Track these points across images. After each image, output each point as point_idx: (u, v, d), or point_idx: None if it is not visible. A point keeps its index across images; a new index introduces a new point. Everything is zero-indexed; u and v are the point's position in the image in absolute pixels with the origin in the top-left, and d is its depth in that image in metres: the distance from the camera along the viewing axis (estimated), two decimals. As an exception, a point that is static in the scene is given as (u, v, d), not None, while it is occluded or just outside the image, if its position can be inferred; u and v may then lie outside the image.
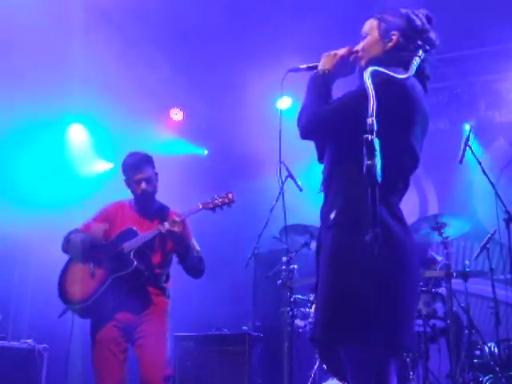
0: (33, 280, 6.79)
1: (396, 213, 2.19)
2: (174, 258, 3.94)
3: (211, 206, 3.76)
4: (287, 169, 4.95)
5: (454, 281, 4.68)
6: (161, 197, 3.99)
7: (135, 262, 3.66)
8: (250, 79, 6.13)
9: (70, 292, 3.78)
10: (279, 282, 4.88)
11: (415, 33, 2.36)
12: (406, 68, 2.22)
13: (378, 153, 1.83)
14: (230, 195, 3.78)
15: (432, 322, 4.84)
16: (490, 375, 4.54)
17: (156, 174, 3.92)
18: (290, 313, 4.76)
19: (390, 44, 2.35)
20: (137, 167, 3.84)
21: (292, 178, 5.01)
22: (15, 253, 6.67)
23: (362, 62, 2.40)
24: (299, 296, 5.02)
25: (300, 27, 5.62)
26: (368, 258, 1.92)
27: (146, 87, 6.36)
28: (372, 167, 1.81)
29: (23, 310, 6.71)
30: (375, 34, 2.39)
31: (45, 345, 5.21)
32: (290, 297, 4.83)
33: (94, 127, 7.08)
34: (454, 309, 4.66)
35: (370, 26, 2.42)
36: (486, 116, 6.87)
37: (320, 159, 2.48)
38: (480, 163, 4.86)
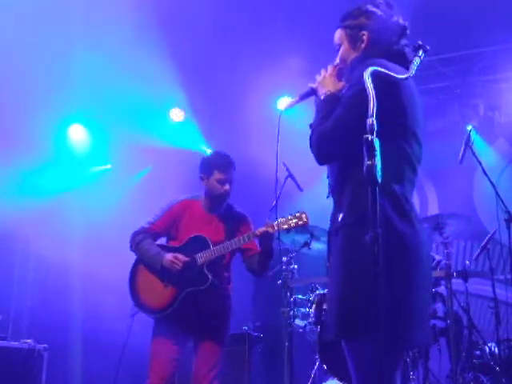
0: (33, 280, 6.79)
1: (403, 207, 2.18)
2: None
3: (285, 227, 3.72)
4: (287, 169, 4.95)
5: (454, 281, 4.67)
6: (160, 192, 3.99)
7: (210, 277, 3.73)
8: (250, 79, 6.14)
9: (145, 298, 3.85)
10: (279, 282, 4.88)
11: (382, 23, 2.38)
12: (393, 58, 2.28)
13: (377, 153, 1.83)
14: (303, 216, 3.72)
15: (432, 322, 4.83)
16: (490, 375, 4.54)
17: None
18: (290, 313, 4.76)
19: (363, 44, 2.40)
20: (224, 167, 3.88)
21: (292, 178, 5.01)
22: (15, 253, 6.67)
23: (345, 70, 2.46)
24: (299, 296, 5.02)
25: (300, 27, 5.63)
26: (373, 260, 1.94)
27: (145, 87, 6.37)
28: (372, 167, 1.81)
29: (23, 310, 6.71)
30: (345, 43, 2.44)
31: (45, 345, 5.21)
32: (290, 297, 4.83)
33: (94, 127, 7.08)
34: (453, 309, 4.66)
35: (339, 36, 2.47)
36: (486, 116, 6.87)
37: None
38: (480, 163, 4.86)
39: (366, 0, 2.45)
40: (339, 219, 2.21)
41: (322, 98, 2.39)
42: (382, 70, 2.09)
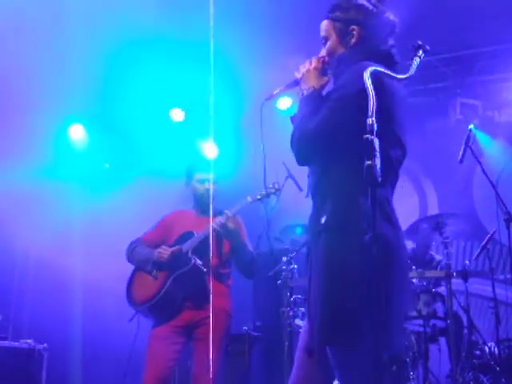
0: (33, 280, 6.79)
1: (386, 210, 2.15)
2: None
3: (258, 197, 3.92)
4: (287, 169, 4.94)
5: (454, 281, 4.68)
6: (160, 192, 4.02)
7: (193, 260, 3.85)
8: (249, 79, 6.13)
9: (136, 295, 3.97)
10: (279, 281, 4.88)
11: (373, 19, 2.29)
12: (381, 59, 2.21)
13: (377, 153, 1.83)
14: (276, 185, 3.99)
15: (432, 322, 4.84)
16: (490, 375, 4.54)
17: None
18: (290, 313, 4.76)
19: (353, 40, 2.30)
20: (202, 167, 4.07)
21: (292, 178, 5.01)
22: (15, 253, 6.66)
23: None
24: (299, 296, 5.02)
25: (300, 26, 5.62)
26: (358, 263, 1.98)
27: (146, 87, 6.37)
28: (372, 167, 1.81)
29: (23, 310, 6.70)
30: (333, 36, 2.35)
31: (45, 345, 5.21)
32: (290, 297, 4.83)
33: (94, 127, 7.08)
34: (453, 309, 4.66)
35: (326, 28, 2.36)
36: (486, 116, 6.87)
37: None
38: (480, 163, 4.86)
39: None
40: (322, 222, 2.15)
41: (305, 94, 2.32)
42: (377, 75, 2.03)
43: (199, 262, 3.86)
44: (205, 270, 3.85)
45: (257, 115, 2.55)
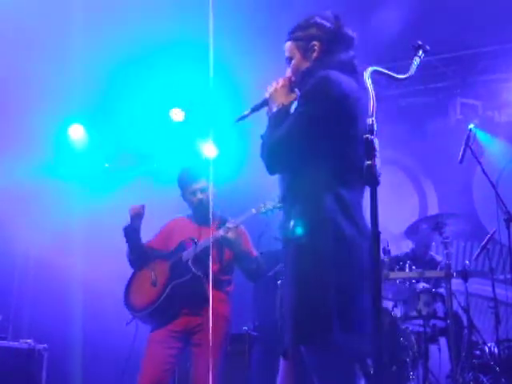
0: (33, 280, 6.79)
1: (351, 212, 2.22)
2: None
3: (263, 210, 3.86)
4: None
5: (454, 281, 4.68)
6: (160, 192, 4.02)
7: (193, 269, 3.84)
8: (250, 80, 6.13)
9: (135, 301, 3.99)
10: (279, 281, 4.87)
11: (331, 34, 2.43)
12: (344, 69, 2.33)
13: (377, 153, 1.83)
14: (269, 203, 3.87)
15: (432, 322, 4.84)
16: (490, 375, 4.53)
17: (209, 182, 4.05)
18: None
19: (315, 54, 2.43)
20: (190, 179, 4.04)
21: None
22: (15, 253, 6.66)
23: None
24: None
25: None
26: (326, 265, 2.09)
27: (146, 87, 6.37)
28: (372, 167, 1.81)
29: (23, 310, 6.70)
30: (297, 55, 2.46)
31: (45, 345, 5.21)
32: (290, 297, 4.82)
33: (94, 127, 7.08)
34: (453, 309, 4.66)
35: (289, 49, 2.49)
36: (486, 116, 6.87)
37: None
38: (480, 163, 4.86)
39: (314, 13, 2.49)
40: (291, 226, 2.22)
41: (274, 110, 2.41)
42: (338, 80, 2.20)
43: (199, 271, 3.86)
44: (204, 278, 3.84)
45: (256, 115, 2.59)
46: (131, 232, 4.01)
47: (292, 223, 2.21)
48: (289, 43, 2.50)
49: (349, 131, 2.24)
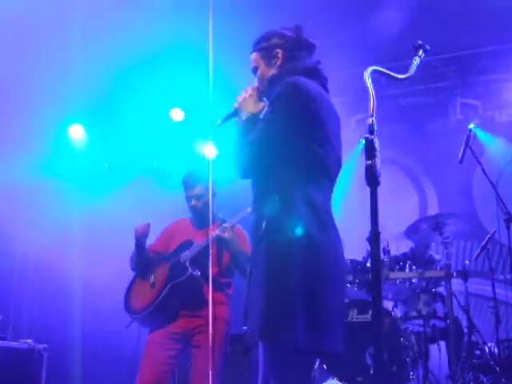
0: (33, 280, 6.79)
1: (321, 214, 2.27)
2: None
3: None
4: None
5: (454, 281, 4.68)
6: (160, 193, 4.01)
7: (189, 270, 3.85)
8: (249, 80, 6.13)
9: (133, 304, 3.99)
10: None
11: (293, 42, 2.54)
12: (309, 74, 2.43)
13: (378, 152, 1.83)
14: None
15: (432, 321, 4.84)
16: (490, 375, 4.53)
17: (207, 188, 4.01)
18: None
19: (279, 61, 2.53)
20: (188, 185, 4.06)
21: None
22: (15, 253, 6.66)
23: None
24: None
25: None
26: (294, 264, 2.15)
27: (146, 87, 6.38)
28: (372, 167, 1.81)
29: (23, 310, 6.71)
30: (262, 64, 2.57)
31: (45, 345, 5.21)
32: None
33: (94, 127, 7.08)
34: (453, 309, 4.66)
35: (254, 59, 2.60)
36: (486, 116, 6.87)
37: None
38: (480, 163, 4.86)
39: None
40: (263, 227, 2.26)
41: (244, 118, 2.48)
42: (306, 85, 2.30)
43: (197, 271, 3.87)
44: (201, 279, 3.85)
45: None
46: (137, 249, 4.01)
47: (264, 224, 2.26)
48: (254, 54, 2.60)
49: (318, 134, 2.31)
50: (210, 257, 3.74)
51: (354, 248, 5.26)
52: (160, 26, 5.38)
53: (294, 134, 2.27)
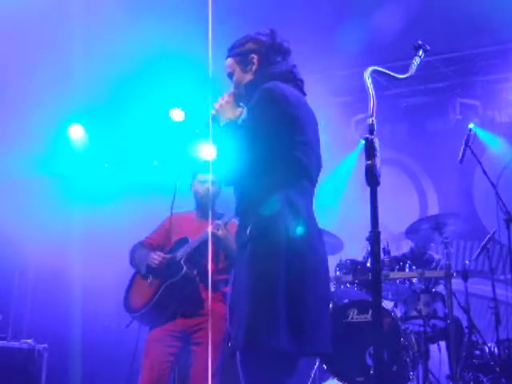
0: (33, 280, 6.79)
1: (303, 218, 2.29)
2: None
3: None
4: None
5: (454, 281, 4.68)
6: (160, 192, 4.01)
7: (184, 268, 3.82)
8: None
9: (132, 302, 3.98)
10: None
11: (268, 47, 2.55)
12: (285, 78, 2.45)
13: (378, 152, 1.83)
14: None
15: (432, 321, 4.84)
16: (490, 375, 4.53)
17: (220, 187, 4.03)
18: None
19: (254, 66, 2.54)
20: (203, 168, 4.04)
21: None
22: (15, 253, 6.66)
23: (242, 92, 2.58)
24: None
25: (300, 31, 5.62)
26: (278, 268, 2.17)
27: (146, 87, 6.38)
28: (372, 167, 1.81)
29: (23, 310, 6.71)
30: (237, 69, 2.58)
31: (45, 345, 5.21)
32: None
33: (94, 127, 7.08)
34: (453, 309, 4.66)
35: (230, 65, 2.60)
36: (486, 116, 6.87)
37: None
38: (480, 163, 4.86)
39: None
40: (247, 232, 2.27)
41: (222, 125, 2.50)
42: (283, 90, 2.32)
43: (192, 270, 3.84)
44: (197, 277, 3.83)
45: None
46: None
47: (248, 229, 2.27)
48: (229, 60, 2.61)
49: (298, 138, 2.33)
50: (210, 254, 3.75)
51: (354, 248, 5.28)
52: (160, 25, 5.38)
53: (275, 140, 2.29)
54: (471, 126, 5.01)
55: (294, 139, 2.32)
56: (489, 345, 4.81)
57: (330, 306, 4.29)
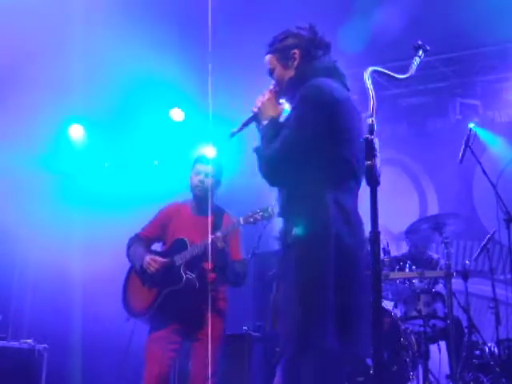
0: (33, 280, 6.79)
1: (350, 219, 2.26)
2: None
3: (251, 220, 3.79)
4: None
5: (454, 281, 4.68)
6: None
7: (184, 277, 3.79)
8: (249, 81, 6.13)
9: (131, 303, 3.96)
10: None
11: (309, 42, 2.50)
12: (328, 73, 2.40)
13: (377, 152, 1.84)
14: (270, 209, 3.76)
15: (432, 321, 4.84)
16: (490, 375, 4.53)
17: (216, 174, 4.00)
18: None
19: (296, 62, 2.48)
20: (202, 160, 4.03)
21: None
22: (15, 253, 6.66)
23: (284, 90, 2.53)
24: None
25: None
26: (326, 271, 2.14)
27: (146, 87, 6.37)
28: (372, 167, 1.81)
29: (23, 310, 6.70)
30: (278, 66, 2.52)
31: (45, 345, 5.21)
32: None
33: (94, 127, 7.08)
34: (453, 309, 4.66)
35: (270, 61, 2.55)
36: (486, 116, 6.87)
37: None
38: (480, 163, 4.86)
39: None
40: (293, 233, 2.24)
41: (265, 123, 2.44)
42: (329, 87, 2.28)
43: (191, 275, 3.81)
44: (196, 282, 3.81)
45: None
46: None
47: (294, 231, 2.23)
48: (268, 56, 2.55)
49: (344, 136, 2.28)
50: (210, 261, 3.74)
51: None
52: (160, 26, 5.38)
53: (321, 139, 2.24)
54: (471, 125, 5.01)
55: (339, 138, 2.27)
56: (489, 345, 4.81)
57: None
